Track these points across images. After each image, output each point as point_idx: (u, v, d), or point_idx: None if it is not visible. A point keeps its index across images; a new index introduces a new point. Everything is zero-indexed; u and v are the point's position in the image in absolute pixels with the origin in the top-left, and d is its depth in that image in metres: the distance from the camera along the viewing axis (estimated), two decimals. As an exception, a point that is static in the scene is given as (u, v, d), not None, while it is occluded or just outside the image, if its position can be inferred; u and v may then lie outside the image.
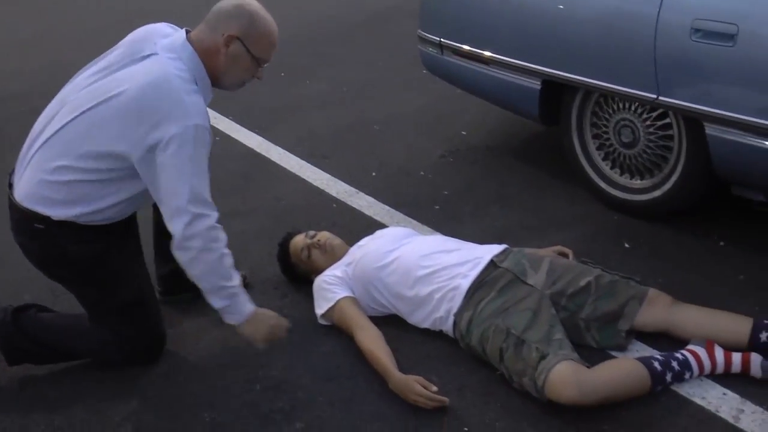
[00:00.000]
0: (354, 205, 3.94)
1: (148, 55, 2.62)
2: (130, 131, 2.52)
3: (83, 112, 2.60)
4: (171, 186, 2.52)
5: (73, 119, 2.62)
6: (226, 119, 5.19)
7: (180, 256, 2.59)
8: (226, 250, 2.63)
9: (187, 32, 2.71)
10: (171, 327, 3.10)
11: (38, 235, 2.69)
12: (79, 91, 2.67)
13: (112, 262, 2.76)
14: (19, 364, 2.92)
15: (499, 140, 4.47)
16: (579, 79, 3.36)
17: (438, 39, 4.03)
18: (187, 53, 2.64)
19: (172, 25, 2.81)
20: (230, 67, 2.70)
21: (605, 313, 2.71)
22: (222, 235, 2.62)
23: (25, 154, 2.74)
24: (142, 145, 2.51)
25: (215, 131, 4.89)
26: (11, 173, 2.81)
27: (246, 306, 2.72)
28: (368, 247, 3.09)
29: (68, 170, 2.61)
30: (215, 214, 2.60)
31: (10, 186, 2.77)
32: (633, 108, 3.33)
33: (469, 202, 3.85)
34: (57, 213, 2.64)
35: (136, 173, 2.58)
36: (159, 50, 2.62)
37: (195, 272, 2.62)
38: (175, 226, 2.54)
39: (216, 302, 2.67)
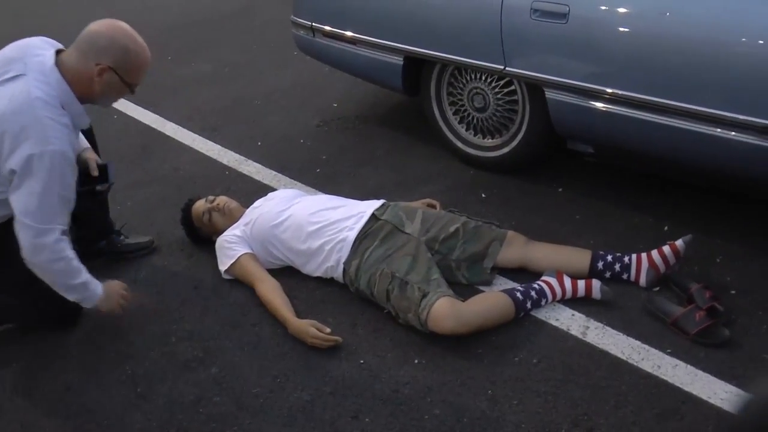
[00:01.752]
0: (244, 172, 3.81)
1: (16, 76, 2.32)
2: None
3: None
4: (23, 202, 2.29)
5: None
6: (123, 100, 4.88)
7: (31, 267, 2.39)
8: (71, 254, 2.42)
9: (59, 52, 2.44)
10: None
11: None
12: None
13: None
14: None
15: (367, 110, 4.41)
16: (436, 55, 3.32)
17: (310, 23, 3.91)
18: (55, 78, 2.35)
19: (48, 40, 2.50)
20: (104, 93, 2.44)
21: (472, 254, 2.72)
22: (66, 245, 2.40)
23: None
24: (4, 167, 2.29)
25: (112, 110, 4.68)
26: None
27: (96, 290, 2.54)
28: (263, 208, 2.99)
29: None
30: (60, 228, 2.36)
31: None
32: (483, 78, 3.32)
33: (345, 164, 3.78)
34: None
35: None
36: (28, 71, 2.33)
37: (47, 279, 2.43)
38: (23, 240, 2.33)
39: (71, 296, 2.49)
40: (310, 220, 2.83)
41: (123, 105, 4.79)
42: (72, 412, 2.37)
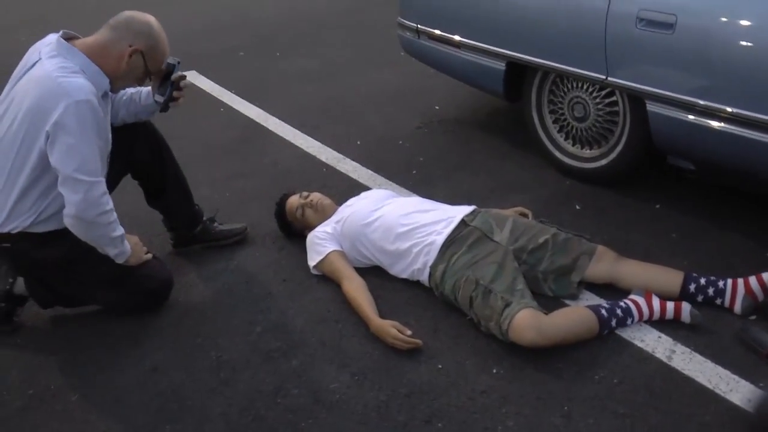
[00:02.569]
0: (341, 169, 3.88)
1: (34, 64, 2.51)
2: (40, 135, 2.43)
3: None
4: (62, 158, 2.41)
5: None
6: (229, 92, 5.09)
7: (74, 223, 2.49)
8: (110, 206, 2.54)
9: (69, 35, 2.58)
10: (182, 275, 3.06)
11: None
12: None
13: (79, 254, 2.63)
14: (51, 307, 2.86)
15: (467, 114, 4.41)
16: (539, 62, 3.31)
17: (415, 25, 3.96)
18: (64, 48, 2.51)
19: (58, 32, 2.64)
20: (126, 75, 2.60)
21: (560, 267, 2.69)
22: (109, 197, 2.53)
23: None
24: (45, 135, 2.42)
25: (220, 103, 4.89)
26: None
27: (127, 243, 2.67)
28: (355, 207, 3.04)
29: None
30: (103, 180, 2.50)
31: None
32: (584, 87, 3.28)
33: (441, 167, 3.80)
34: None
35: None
36: (42, 56, 2.51)
37: (91, 234, 2.54)
38: (69, 196, 2.44)
39: (111, 251, 2.61)
40: (400, 222, 2.86)
41: (230, 98, 4.97)
42: (156, 392, 2.47)
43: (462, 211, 2.89)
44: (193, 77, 5.34)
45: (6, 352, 2.73)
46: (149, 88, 2.87)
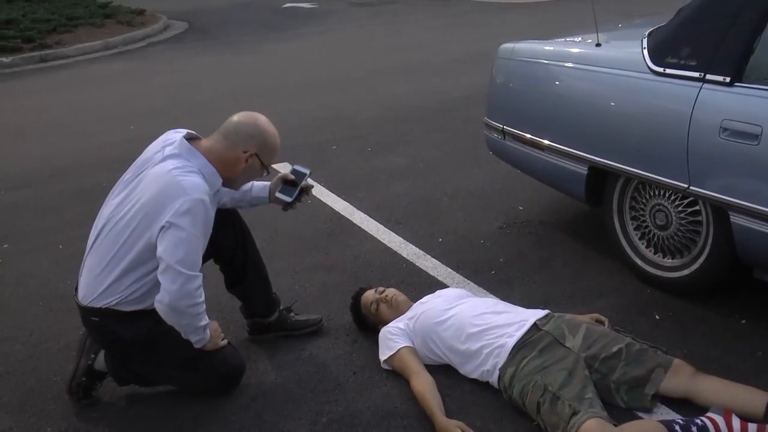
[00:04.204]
0: (421, 266, 3.94)
1: (157, 161, 2.72)
2: (153, 227, 2.61)
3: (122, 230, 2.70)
4: (170, 249, 2.57)
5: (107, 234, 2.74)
6: (318, 185, 5.25)
7: (166, 310, 2.63)
8: (202, 299, 2.68)
9: (192, 136, 2.80)
10: (255, 361, 3.16)
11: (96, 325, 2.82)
12: (112, 209, 2.76)
13: (160, 335, 2.77)
14: (127, 384, 2.99)
15: (550, 216, 4.44)
16: (621, 167, 3.32)
17: (501, 126, 4.05)
18: (185, 149, 2.71)
19: (178, 130, 2.86)
20: (246, 175, 2.84)
21: (633, 378, 2.65)
22: (203, 292, 2.67)
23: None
24: (158, 228, 2.59)
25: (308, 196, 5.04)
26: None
27: (208, 331, 2.79)
28: (429, 305, 3.09)
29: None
30: (200, 275, 2.66)
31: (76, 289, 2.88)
32: (667, 195, 3.27)
33: (520, 269, 3.81)
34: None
35: None
36: (165, 153, 2.72)
37: (179, 321, 2.68)
38: (167, 285, 2.58)
39: (193, 338, 2.74)
40: (472, 322, 2.90)
41: (318, 191, 5.12)
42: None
43: (535, 314, 2.90)
44: (283, 168, 5.53)
45: (81, 425, 2.86)
46: (263, 183, 3.11)
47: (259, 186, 3.15)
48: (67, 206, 5.23)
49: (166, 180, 2.63)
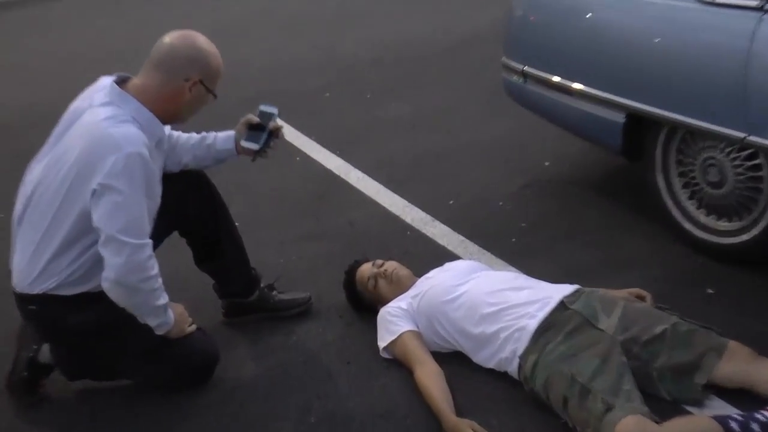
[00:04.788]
0: (428, 234, 3.89)
1: (84, 111, 2.63)
2: (85, 192, 2.52)
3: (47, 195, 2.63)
4: (107, 217, 2.49)
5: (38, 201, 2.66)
6: (308, 139, 5.21)
7: (114, 288, 2.56)
8: (156, 271, 2.61)
9: (123, 78, 2.70)
10: (231, 350, 3.12)
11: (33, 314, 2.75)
12: (38, 175, 2.68)
13: (114, 321, 2.70)
14: (79, 379, 2.94)
15: (582, 173, 4.37)
16: (664, 115, 3.22)
17: (521, 67, 3.96)
18: (116, 95, 2.62)
19: (112, 75, 2.75)
20: (193, 107, 2.74)
21: (680, 364, 2.56)
22: (155, 261, 2.61)
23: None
24: (90, 192, 2.51)
25: (296, 151, 5.00)
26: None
27: (171, 313, 2.73)
28: (435, 280, 3.04)
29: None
30: (149, 243, 2.58)
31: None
32: (721, 146, 3.17)
33: (546, 235, 3.75)
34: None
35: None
36: (93, 102, 2.63)
37: (132, 301, 2.61)
38: (111, 258, 2.51)
39: (152, 321, 2.67)
40: (487, 300, 2.83)
41: (309, 146, 5.08)
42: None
43: (562, 290, 2.83)
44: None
45: (24, 427, 2.81)
46: (227, 132, 3.02)
47: (223, 137, 3.05)
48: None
49: (94, 134, 2.54)
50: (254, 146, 2.98)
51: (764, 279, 3.17)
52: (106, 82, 2.68)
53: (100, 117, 2.56)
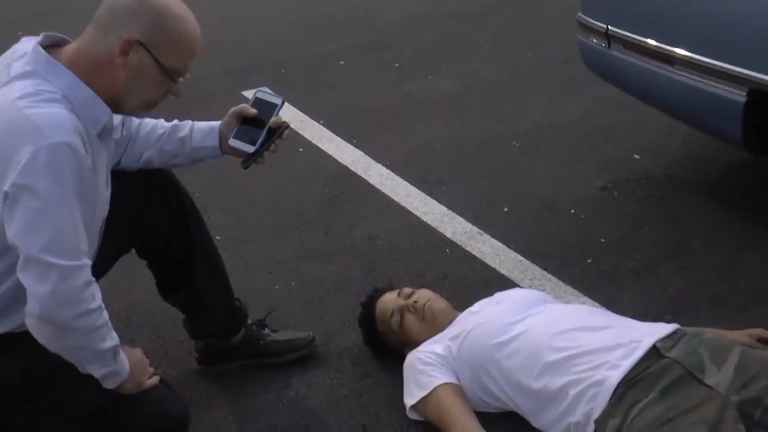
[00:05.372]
0: (474, 252, 3.90)
1: None
2: None
3: None
4: (24, 230, 2.39)
5: None
6: (315, 123, 5.21)
7: (40, 327, 2.46)
8: (97, 303, 2.50)
9: (55, 41, 2.60)
10: (207, 409, 3.11)
11: None
12: None
13: (45, 374, 2.66)
14: None
15: (685, 169, 4.39)
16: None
17: (604, 26, 3.97)
18: (41, 62, 2.50)
19: (38, 35, 2.63)
20: (132, 84, 2.54)
21: (819, 435, 2.53)
22: (96, 289, 2.49)
23: None
24: (2, 195, 2.41)
25: (299, 139, 5.00)
26: None
27: (125, 361, 2.63)
28: (483, 316, 3.03)
29: None
30: (87, 264, 2.47)
31: None
32: None
33: (635, 256, 3.75)
34: None
35: None
36: (12, 73, 2.51)
37: (64, 345, 2.51)
38: (34, 287, 2.41)
39: (96, 371, 2.57)
40: (552, 345, 2.81)
41: (316, 132, 5.08)
42: None
43: (654, 331, 2.80)
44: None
45: None
46: (209, 123, 2.98)
47: (203, 130, 2.97)
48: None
49: (7, 117, 2.45)
50: (248, 148, 2.86)
51: None
52: (27, 45, 2.56)
53: (16, 94, 2.45)
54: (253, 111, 2.87)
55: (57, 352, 2.52)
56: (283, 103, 2.87)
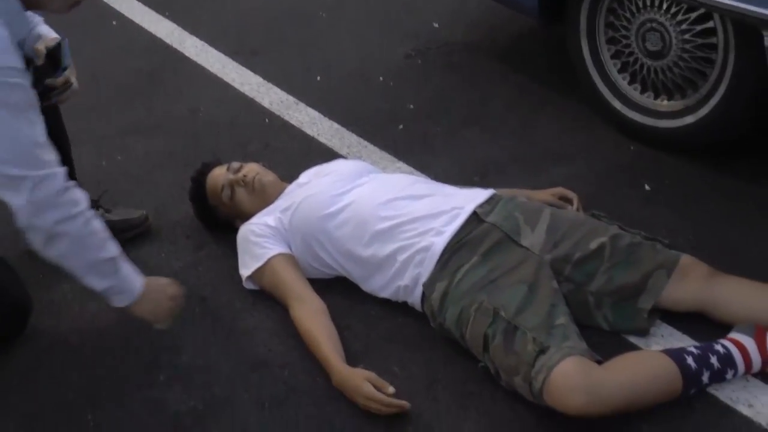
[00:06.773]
0: (292, 121, 3.85)
1: None
2: None
3: None
4: None
5: None
6: (129, -2, 5.05)
7: (32, 237, 2.41)
8: (90, 212, 2.45)
9: None
10: (47, 291, 3.02)
11: None
12: None
13: None
14: None
15: (482, 35, 4.36)
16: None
17: None
18: None
19: None
20: None
21: (622, 287, 2.57)
22: (79, 194, 2.43)
23: None
24: None
25: (112, 12, 4.83)
26: None
27: (135, 279, 2.57)
28: (312, 188, 2.98)
29: None
30: (60, 170, 2.40)
31: None
32: (663, 6, 3.15)
33: (442, 120, 3.75)
34: None
35: None
36: None
37: (57, 253, 2.44)
38: (17, 204, 2.34)
39: (96, 283, 2.51)
40: (379, 214, 2.78)
41: (127, 6, 4.88)
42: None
43: (474, 197, 2.80)
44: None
45: None
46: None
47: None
48: None
49: None
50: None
51: (711, 170, 3.23)
52: None
53: None
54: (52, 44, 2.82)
55: (56, 263, 2.46)
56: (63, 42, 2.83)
